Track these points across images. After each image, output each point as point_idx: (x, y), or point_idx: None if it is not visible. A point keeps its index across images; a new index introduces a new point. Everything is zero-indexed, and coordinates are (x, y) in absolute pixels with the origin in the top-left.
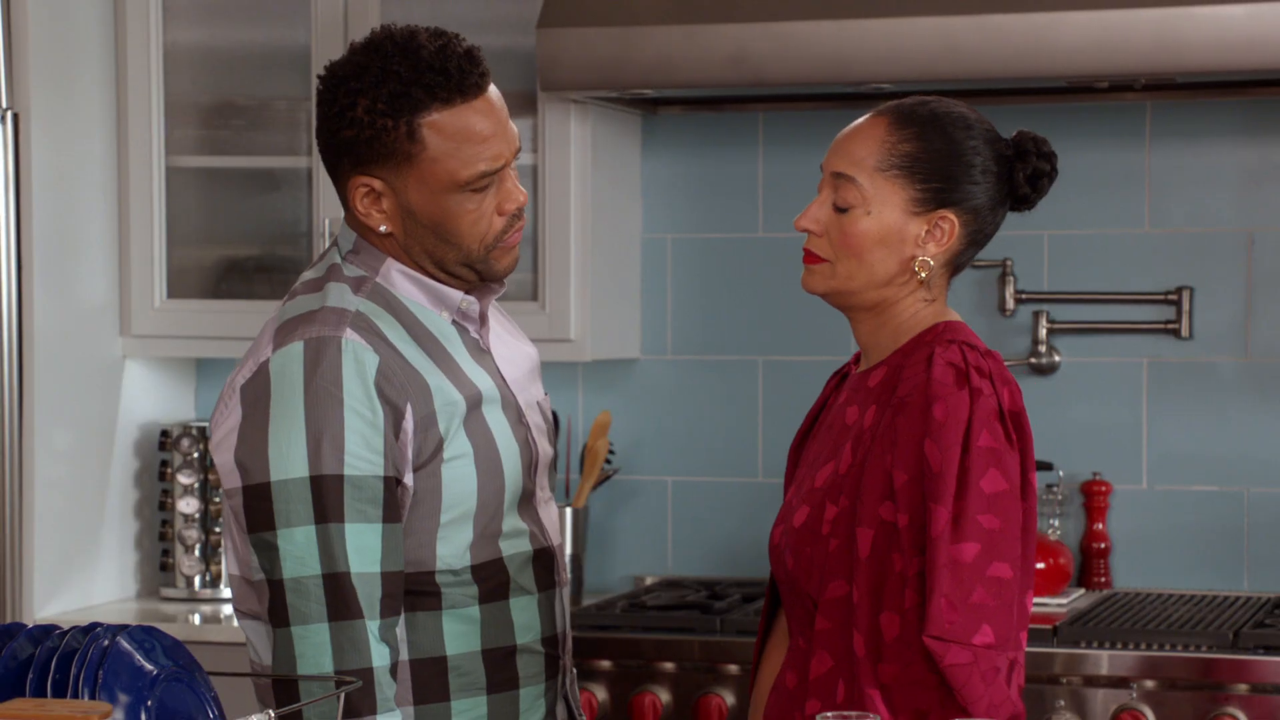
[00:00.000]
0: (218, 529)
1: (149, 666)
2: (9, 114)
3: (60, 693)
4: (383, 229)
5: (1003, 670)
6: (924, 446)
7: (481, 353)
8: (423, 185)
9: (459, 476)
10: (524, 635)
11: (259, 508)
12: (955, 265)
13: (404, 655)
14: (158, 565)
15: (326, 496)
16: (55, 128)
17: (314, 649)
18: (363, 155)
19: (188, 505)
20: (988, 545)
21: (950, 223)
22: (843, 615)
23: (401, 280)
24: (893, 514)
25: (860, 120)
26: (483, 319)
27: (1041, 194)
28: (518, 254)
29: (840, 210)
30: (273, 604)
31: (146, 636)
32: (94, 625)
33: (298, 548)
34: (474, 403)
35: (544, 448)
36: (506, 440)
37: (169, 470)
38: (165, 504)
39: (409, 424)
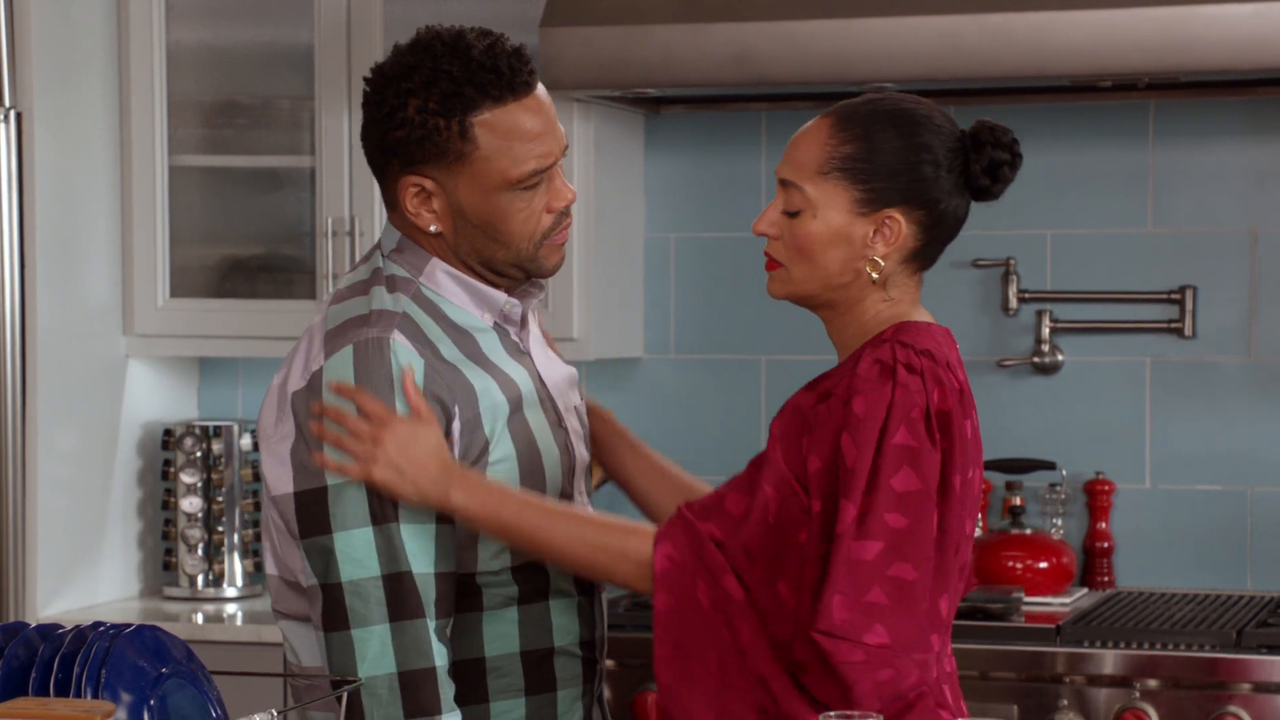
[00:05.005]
0: (220, 528)
1: (151, 666)
2: (12, 113)
3: (63, 692)
4: (433, 229)
5: (905, 673)
6: (841, 440)
7: (521, 354)
8: (474, 184)
9: (502, 480)
10: (562, 637)
11: (314, 512)
12: (920, 261)
13: None
14: (161, 564)
15: (382, 496)
16: (58, 127)
17: (376, 651)
18: (413, 155)
19: (190, 504)
20: (891, 544)
21: (897, 222)
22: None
23: (446, 280)
24: (806, 499)
25: (808, 124)
26: (523, 321)
27: (1004, 183)
28: (564, 251)
29: (790, 215)
30: (328, 608)
31: (149, 636)
32: (97, 624)
33: (356, 550)
34: (515, 404)
35: (581, 453)
36: (547, 443)
37: (172, 469)
38: (168, 503)
39: (457, 425)
